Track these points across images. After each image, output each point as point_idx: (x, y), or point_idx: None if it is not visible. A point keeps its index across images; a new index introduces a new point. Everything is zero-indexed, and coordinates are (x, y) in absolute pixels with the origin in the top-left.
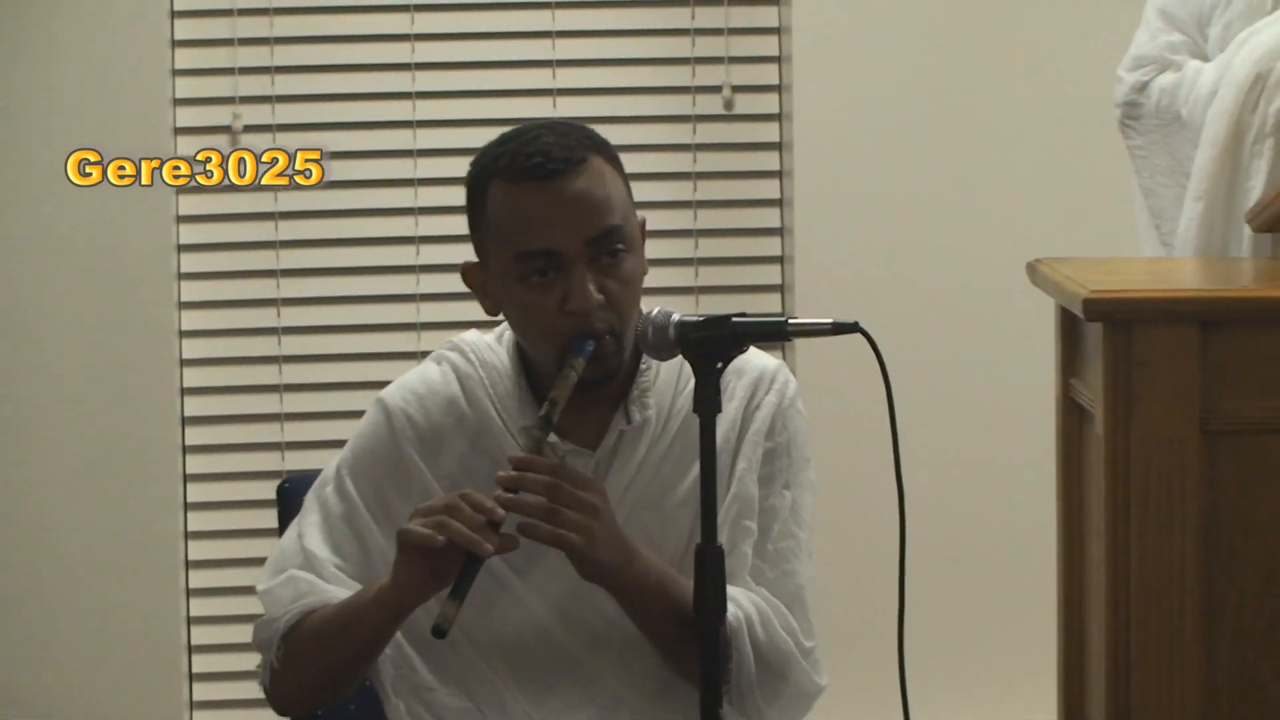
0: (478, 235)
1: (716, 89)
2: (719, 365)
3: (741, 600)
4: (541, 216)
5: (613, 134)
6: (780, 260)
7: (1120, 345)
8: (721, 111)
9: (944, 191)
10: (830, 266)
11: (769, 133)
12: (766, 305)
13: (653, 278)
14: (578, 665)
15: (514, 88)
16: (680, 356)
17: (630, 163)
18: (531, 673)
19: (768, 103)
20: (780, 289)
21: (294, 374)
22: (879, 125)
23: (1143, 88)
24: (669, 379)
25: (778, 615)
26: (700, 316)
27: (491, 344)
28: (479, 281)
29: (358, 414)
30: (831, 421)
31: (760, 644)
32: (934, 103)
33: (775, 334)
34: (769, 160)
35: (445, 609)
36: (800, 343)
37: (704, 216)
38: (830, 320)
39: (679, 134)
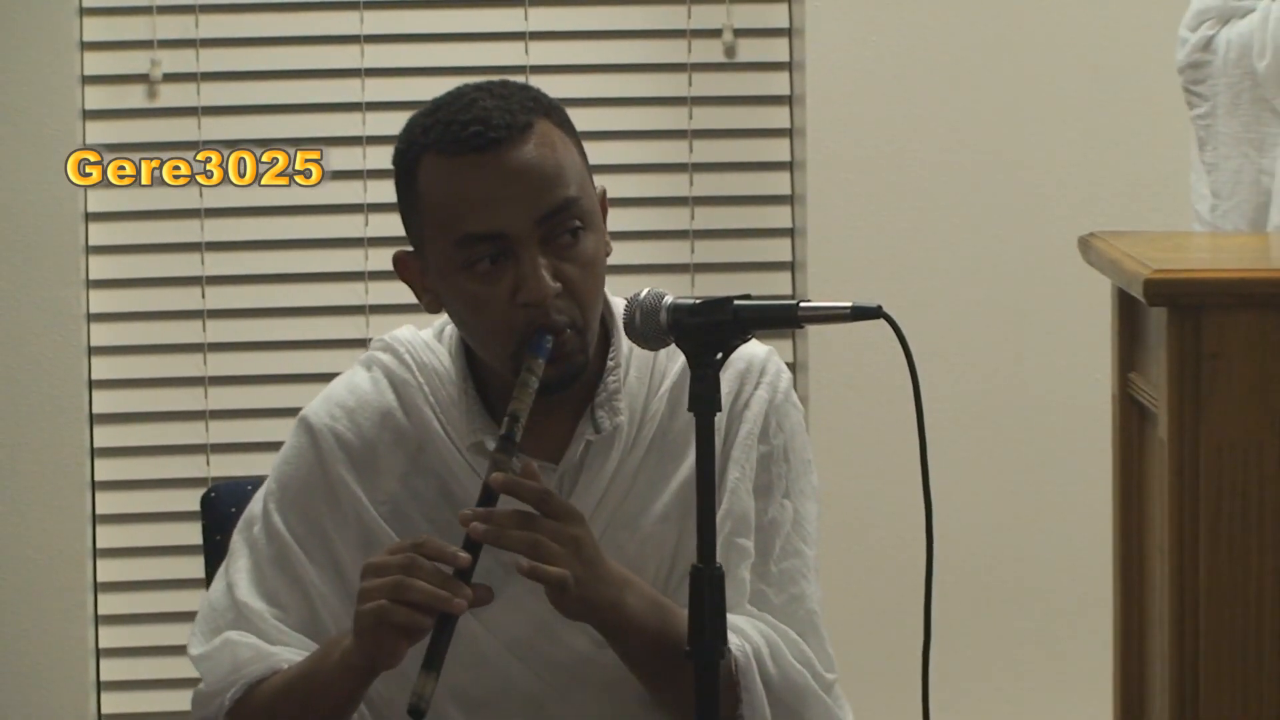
0: (411, 221)
1: (716, 32)
2: (718, 356)
3: (747, 630)
4: (483, 194)
5: (595, 86)
6: (790, 233)
7: (1188, 334)
8: (722, 59)
9: (982, 155)
10: (848, 241)
11: (777, 84)
12: (774, 286)
13: (642, 253)
14: (546, 712)
15: (477, 30)
16: (653, 351)
17: (616, 119)
18: None
19: (776, 49)
20: (790, 266)
21: (221, 365)
22: (905, 76)
23: (1207, 44)
24: (640, 377)
25: (790, 645)
26: (697, 299)
27: (429, 342)
28: (415, 274)
29: (296, 413)
30: (847, 421)
31: (773, 680)
32: (969, 49)
33: (785, 319)
34: (777, 116)
35: (421, 684)
36: (812, 330)
37: (701, 182)
38: (849, 304)
39: (672, 85)
